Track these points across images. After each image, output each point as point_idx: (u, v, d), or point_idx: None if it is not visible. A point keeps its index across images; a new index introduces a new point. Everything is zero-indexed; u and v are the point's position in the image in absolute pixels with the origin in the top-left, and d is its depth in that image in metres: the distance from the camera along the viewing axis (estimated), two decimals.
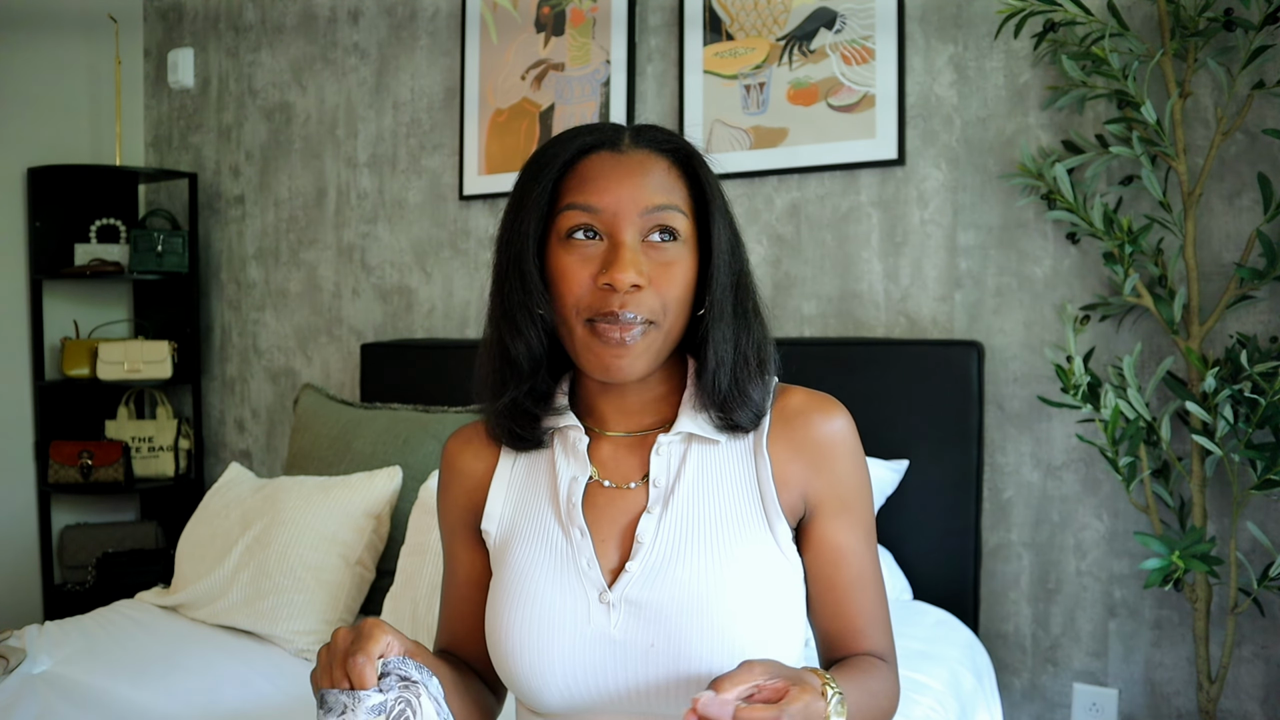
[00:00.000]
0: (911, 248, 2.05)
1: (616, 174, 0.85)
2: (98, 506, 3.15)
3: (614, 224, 0.84)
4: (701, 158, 0.90)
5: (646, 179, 0.85)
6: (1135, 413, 1.71)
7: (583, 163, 0.87)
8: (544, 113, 2.46)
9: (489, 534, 0.95)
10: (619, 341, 0.84)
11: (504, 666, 0.89)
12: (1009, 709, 1.96)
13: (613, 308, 0.83)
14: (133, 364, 2.91)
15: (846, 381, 1.90)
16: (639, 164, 0.86)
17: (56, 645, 1.74)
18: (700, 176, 0.89)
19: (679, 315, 0.86)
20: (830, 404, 0.93)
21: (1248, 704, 1.78)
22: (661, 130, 0.90)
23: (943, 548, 1.90)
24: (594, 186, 0.85)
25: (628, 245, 0.83)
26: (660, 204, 0.85)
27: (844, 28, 2.08)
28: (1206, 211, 1.78)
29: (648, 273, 0.84)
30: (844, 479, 0.91)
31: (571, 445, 0.93)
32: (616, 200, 0.84)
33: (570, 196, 0.86)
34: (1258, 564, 1.75)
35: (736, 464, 0.91)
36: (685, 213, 0.87)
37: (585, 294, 0.84)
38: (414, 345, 2.58)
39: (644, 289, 0.84)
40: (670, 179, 0.87)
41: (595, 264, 0.84)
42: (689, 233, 0.87)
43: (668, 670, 0.83)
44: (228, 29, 3.07)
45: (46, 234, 2.96)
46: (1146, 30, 1.80)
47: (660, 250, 0.85)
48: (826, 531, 0.91)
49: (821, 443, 0.91)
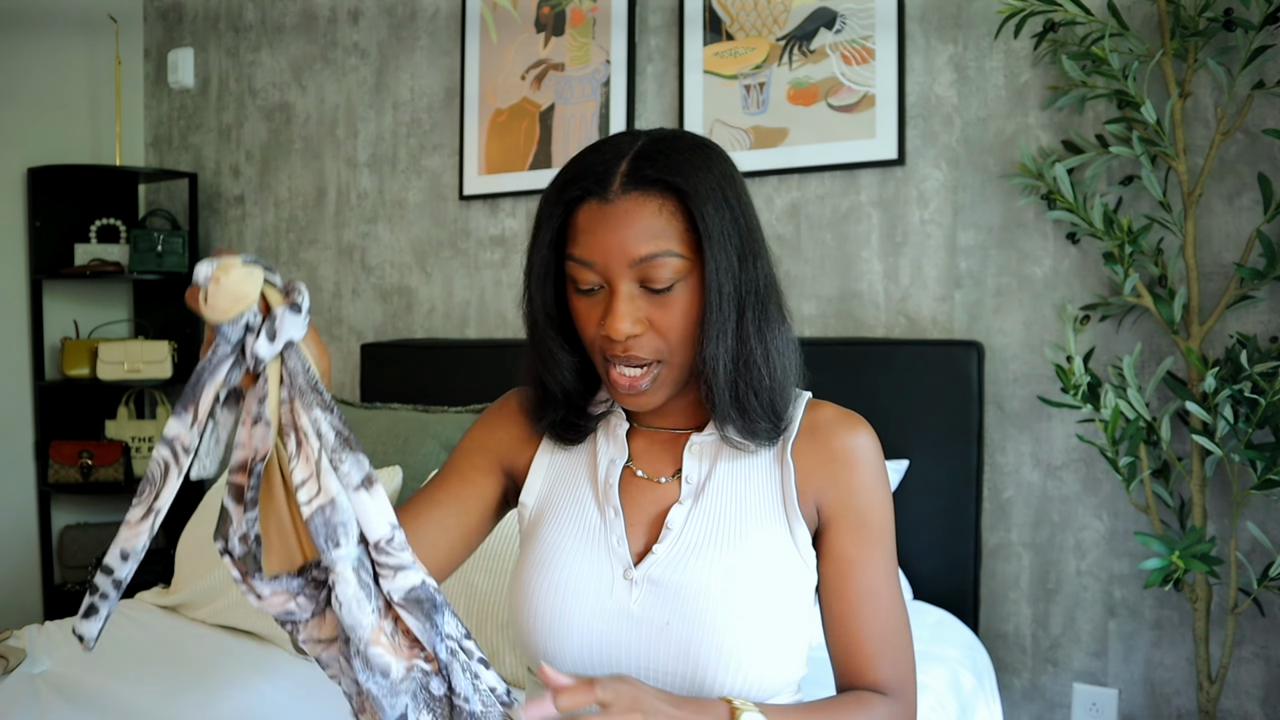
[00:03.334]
0: (911, 248, 2.05)
1: (604, 226, 0.85)
2: (98, 506, 3.15)
3: (607, 275, 0.85)
4: (697, 191, 0.84)
5: (632, 230, 0.84)
6: (1135, 413, 1.71)
7: (577, 212, 0.87)
8: (544, 112, 2.46)
9: (526, 506, 1.00)
10: (628, 388, 0.88)
11: (523, 628, 0.92)
12: (1009, 709, 1.96)
13: (617, 352, 0.87)
14: (133, 364, 2.91)
15: (846, 381, 1.90)
16: (624, 214, 0.84)
17: (56, 645, 1.74)
18: (694, 212, 0.84)
19: (685, 349, 0.88)
20: (856, 421, 0.95)
21: (1248, 704, 1.78)
22: (657, 159, 0.85)
23: (943, 548, 1.90)
24: (586, 240, 0.86)
25: (621, 296, 0.85)
26: (648, 253, 0.83)
27: (844, 28, 2.08)
28: (1206, 211, 1.78)
29: (646, 316, 0.86)
30: (860, 492, 0.92)
31: (613, 431, 0.98)
32: (605, 254, 0.85)
33: (570, 246, 0.88)
34: (1258, 564, 1.75)
35: (763, 467, 0.94)
36: (679, 253, 0.84)
37: (597, 336, 0.88)
38: (414, 345, 2.58)
39: (643, 334, 0.86)
40: (660, 221, 0.84)
41: (600, 309, 0.87)
42: (686, 269, 0.85)
43: (679, 649, 0.87)
44: (228, 29, 3.07)
45: (46, 234, 2.96)
46: (1146, 30, 1.80)
47: (656, 294, 0.86)
48: (839, 544, 0.92)
49: (840, 454, 0.92)
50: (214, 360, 0.66)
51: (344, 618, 0.69)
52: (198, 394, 0.66)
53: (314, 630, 0.74)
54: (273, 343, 0.66)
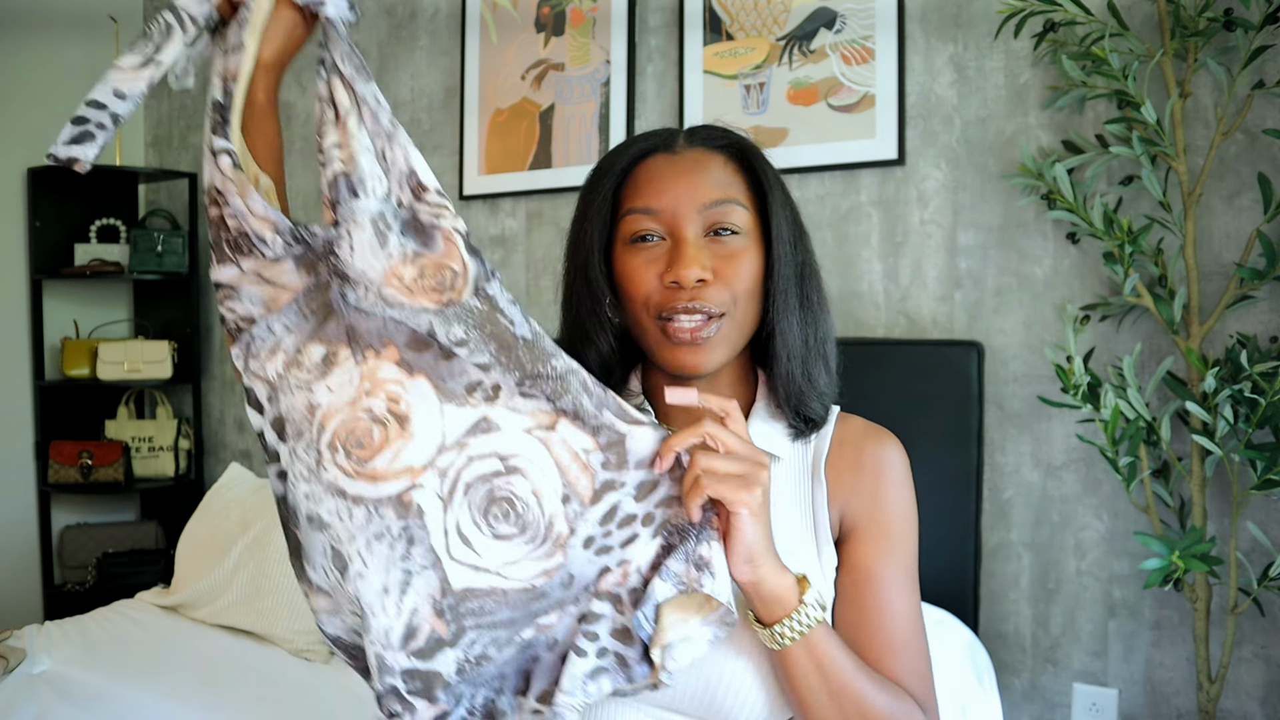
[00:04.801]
0: (911, 248, 2.05)
1: (673, 174, 0.87)
2: (98, 506, 3.15)
3: (674, 223, 0.86)
4: (758, 150, 0.91)
5: (703, 176, 0.87)
6: (1135, 413, 1.71)
7: (639, 168, 0.89)
8: (544, 113, 2.46)
9: None
10: (690, 340, 0.85)
11: None
12: (1009, 709, 1.96)
13: (682, 302, 0.84)
14: (133, 364, 2.91)
15: (847, 381, 1.89)
16: (694, 162, 0.88)
17: (56, 645, 1.74)
18: (757, 169, 0.90)
19: (749, 306, 0.87)
20: (885, 434, 0.94)
21: (1248, 704, 1.78)
22: (716, 128, 0.92)
23: (943, 548, 1.90)
24: (652, 189, 0.87)
25: (690, 241, 0.85)
26: (718, 198, 0.86)
27: (844, 28, 2.08)
28: (1206, 211, 1.78)
29: (712, 266, 0.85)
30: (884, 503, 0.90)
31: None
32: (675, 199, 0.86)
33: (630, 202, 0.88)
34: (1258, 564, 1.75)
35: (795, 484, 0.91)
36: (745, 205, 0.88)
37: (654, 293, 0.86)
38: None
39: (710, 284, 0.85)
40: (727, 174, 0.88)
41: (661, 263, 0.86)
42: (751, 225, 0.88)
43: (696, 677, 0.83)
44: None
45: (46, 234, 2.96)
46: (1146, 30, 1.80)
47: (723, 244, 0.86)
48: (859, 554, 0.89)
49: (867, 464, 0.91)
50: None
51: (355, 263, 0.73)
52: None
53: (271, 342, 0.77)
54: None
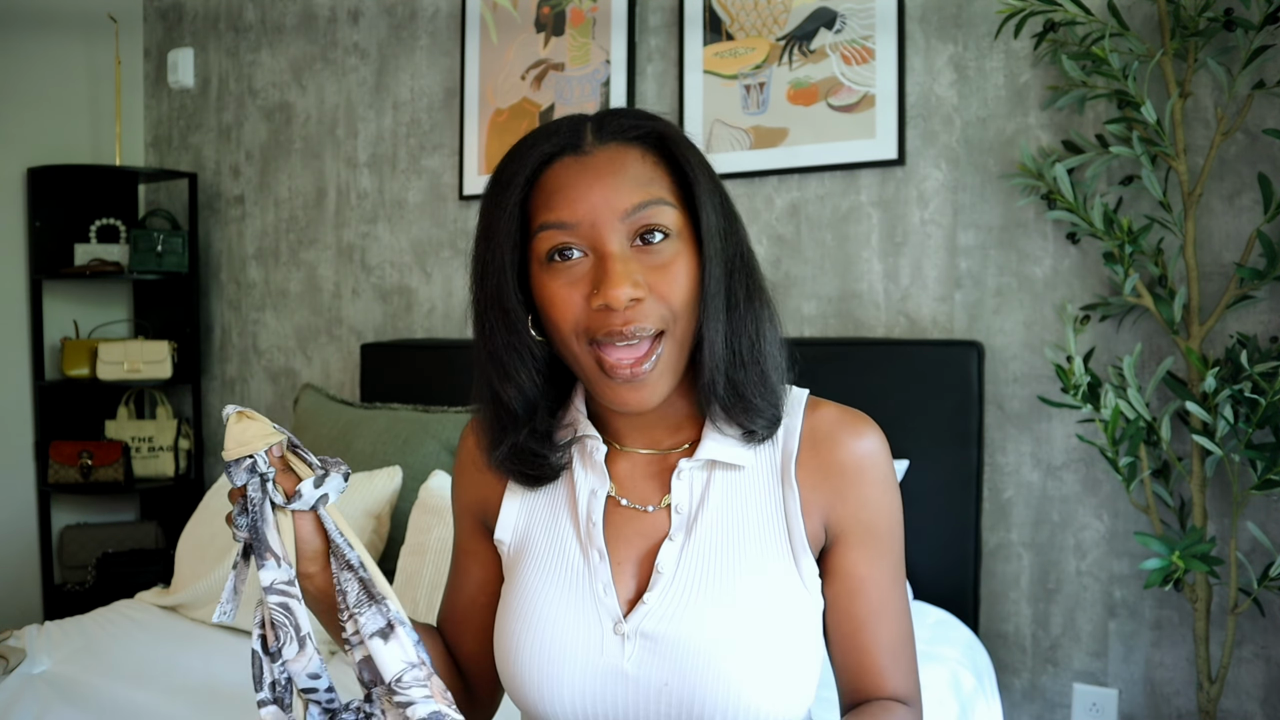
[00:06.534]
0: (911, 248, 2.05)
1: (585, 179, 0.76)
2: (98, 506, 3.15)
3: (595, 235, 0.75)
4: (678, 134, 0.80)
5: (619, 177, 0.76)
6: (1135, 413, 1.70)
7: (546, 174, 0.78)
8: (544, 112, 2.46)
9: (503, 543, 0.90)
10: (630, 376, 0.76)
11: (513, 688, 0.85)
12: (1009, 709, 1.96)
13: (615, 327, 0.74)
14: (133, 364, 2.91)
15: (846, 381, 1.90)
16: (608, 161, 0.77)
17: (56, 645, 1.74)
18: (679, 157, 0.79)
19: (689, 318, 0.78)
20: (862, 422, 0.85)
21: (1248, 704, 1.78)
22: (627, 114, 0.80)
23: (943, 548, 1.90)
24: (564, 199, 0.76)
25: (615, 255, 0.75)
26: (640, 201, 0.75)
27: (844, 28, 2.08)
28: (1206, 211, 1.78)
29: (644, 281, 0.75)
30: (870, 505, 0.84)
31: (589, 455, 0.86)
32: (591, 209, 0.75)
33: (541, 216, 0.77)
34: (1258, 564, 1.75)
35: (763, 493, 0.83)
36: (672, 202, 0.77)
37: (582, 318, 0.76)
38: (414, 345, 2.58)
39: (643, 301, 0.75)
40: (646, 169, 0.77)
41: (585, 284, 0.76)
42: (680, 224, 0.78)
43: (680, 710, 0.79)
44: (228, 29, 3.07)
45: (46, 234, 2.96)
46: (1146, 30, 1.80)
47: (653, 253, 0.76)
48: (848, 561, 0.83)
49: (848, 465, 0.83)
50: (255, 506, 0.75)
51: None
52: (264, 540, 0.75)
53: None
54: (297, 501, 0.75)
